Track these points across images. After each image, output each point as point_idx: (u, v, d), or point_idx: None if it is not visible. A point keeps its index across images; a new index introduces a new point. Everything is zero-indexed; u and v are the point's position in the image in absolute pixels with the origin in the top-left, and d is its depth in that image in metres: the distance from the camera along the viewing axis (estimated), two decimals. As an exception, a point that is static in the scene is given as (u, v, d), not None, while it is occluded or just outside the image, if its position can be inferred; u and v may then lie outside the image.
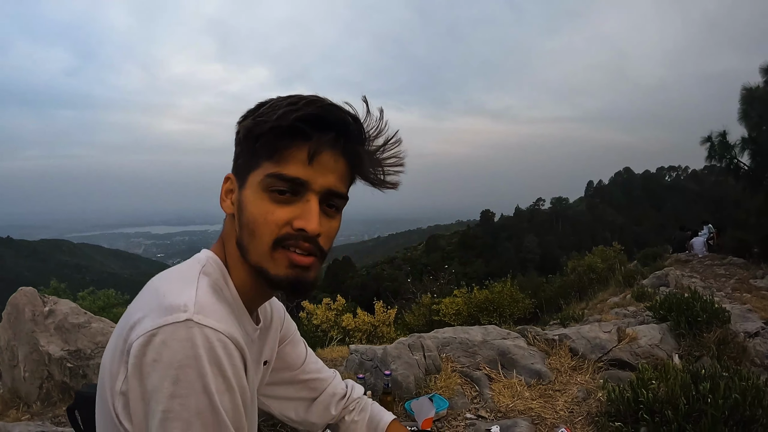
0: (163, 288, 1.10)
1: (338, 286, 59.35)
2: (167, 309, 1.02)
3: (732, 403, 2.92)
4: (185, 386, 0.97)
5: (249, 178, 1.16)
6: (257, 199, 1.14)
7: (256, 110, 1.15)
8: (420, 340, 4.27)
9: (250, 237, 1.15)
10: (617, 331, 4.83)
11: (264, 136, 1.11)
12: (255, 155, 1.15)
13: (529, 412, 3.58)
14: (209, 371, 0.99)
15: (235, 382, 1.05)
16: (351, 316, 10.64)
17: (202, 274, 1.15)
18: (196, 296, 1.06)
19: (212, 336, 1.01)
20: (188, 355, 0.98)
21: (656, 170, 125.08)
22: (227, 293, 1.20)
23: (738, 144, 17.70)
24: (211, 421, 1.00)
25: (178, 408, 0.97)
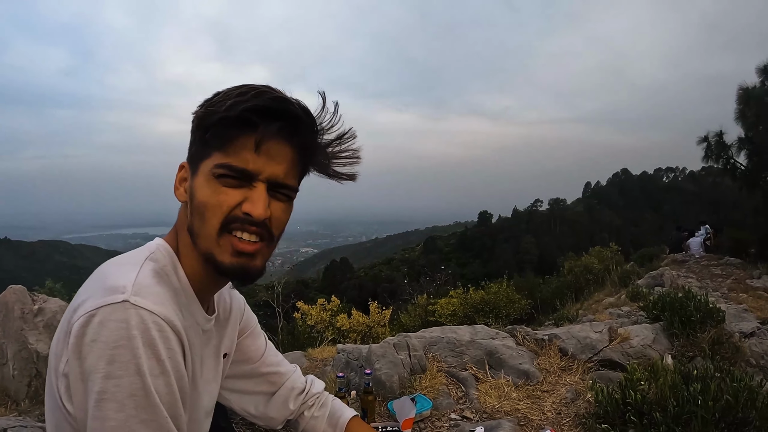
0: (109, 271, 1.14)
1: (336, 287, 59.43)
2: (107, 290, 1.05)
3: (723, 404, 2.84)
4: (119, 367, 0.99)
5: (201, 166, 1.19)
6: (208, 184, 1.17)
7: (209, 100, 1.19)
8: (406, 339, 4.19)
9: (200, 222, 1.18)
10: (608, 331, 4.75)
11: (214, 126, 1.15)
12: (206, 144, 1.18)
13: (515, 413, 3.50)
14: (143, 353, 1.01)
15: (170, 365, 1.07)
16: (346, 316, 10.60)
17: (148, 259, 1.18)
18: (136, 279, 1.09)
19: (147, 318, 1.04)
20: (123, 335, 1.00)
21: (654, 171, 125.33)
22: (174, 280, 1.22)
23: (734, 144, 17.77)
24: (144, 403, 1.01)
25: (112, 389, 0.99)
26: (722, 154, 18.10)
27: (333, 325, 10.44)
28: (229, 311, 1.54)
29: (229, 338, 1.53)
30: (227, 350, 1.53)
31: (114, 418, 0.99)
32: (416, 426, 3.35)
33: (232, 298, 1.60)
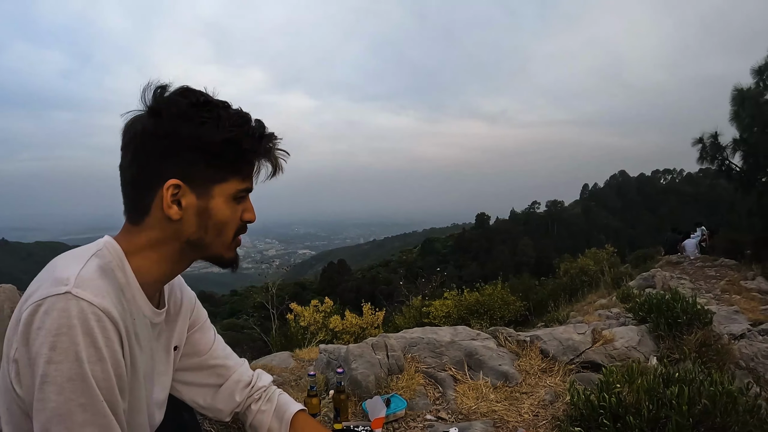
0: (57, 264, 1.22)
1: (333, 288, 59.49)
2: (53, 282, 1.14)
3: (701, 409, 2.79)
4: (60, 353, 1.07)
5: (215, 190, 1.32)
6: (229, 207, 1.36)
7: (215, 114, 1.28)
8: (384, 339, 4.16)
9: (216, 236, 1.37)
10: (592, 332, 4.70)
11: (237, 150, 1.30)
12: (220, 170, 1.32)
13: (491, 415, 3.45)
14: (81, 341, 1.10)
15: (107, 353, 1.15)
16: (339, 318, 10.57)
17: (94, 255, 1.26)
18: (80, 272, 1.17)
19: (87, 308, 1.12)
20: (64, 324, 1.08)
21: (651, 173, 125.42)
22: (120, 275, 1.29)
23: (729, 145, 17.75)
24: (81, 388, 1.09)
25: (53, 373, 1.07)
26: (717, 155, 18.11)
27: (326, 327, 10.42)
28: (180, 306, 1.62)
29: (179, 332, 1.62)
30: (177, 343, 1.62)
31: (54, 400, 1.08)
32: (390, 426, 3.32)
33: (183, 293, 1.68)
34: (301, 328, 10.22)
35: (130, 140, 1.30)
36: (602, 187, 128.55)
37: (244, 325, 22.75)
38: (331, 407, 3.32)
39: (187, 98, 1.28)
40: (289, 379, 4.18)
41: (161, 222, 1.32)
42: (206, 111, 1.28)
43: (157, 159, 1.28)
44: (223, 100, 1.33)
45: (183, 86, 1.31)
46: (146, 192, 1.30)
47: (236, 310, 49.95)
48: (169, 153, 1.27)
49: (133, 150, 1.30)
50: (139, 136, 1.28)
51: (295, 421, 1.77)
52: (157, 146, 1.27)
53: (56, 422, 1.08)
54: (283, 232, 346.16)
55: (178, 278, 1.68)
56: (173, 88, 1.31)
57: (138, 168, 1.30)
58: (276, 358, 4.87)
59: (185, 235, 1.33)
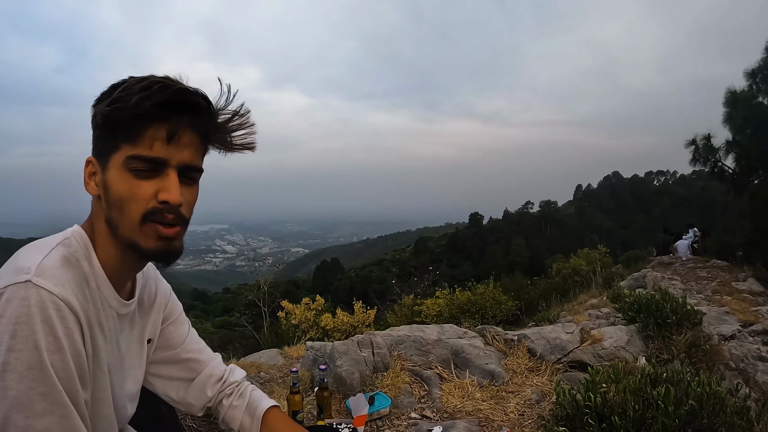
0: (22, 254, 1.23)
1: (326, 287, 59.55)
2: (15, 270, 1.14)
3: (687, 410, 2.76)
4: (20, 341, 1.08)
5: (111, 160, 1.26)
6: (122, 178, 1.25)
7: (110, 94, 1.25)
8: (370, 337, 4.13)
9: (119, 214, 1.26)
10: (580, 332, 4.68)
11: (122, 121, 1.22)
12: (114, 138, 1.25)
13: (477, 414, 3.42)
14: (40, 329, 1.10)
15: (66, 343, 1.14)
16: (330, 316, 10.57)
17: (60, 245, 1.26)
18: (42, 261, 1.18)
19: (46, 297, 1.12)
20: (23, 312, 1.09)
21: (645, 174, 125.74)
22: (85, 265, 1.28)
23: (722, 147, 17.76)
24: (41, 377, 1.09)
25: (13, 361, 1.07)
26: (710, 157, 18.12)
27: (317, 325, 10.41)
28: (154, 298, 1.62)
29: (152, 324, 1.62)
30: (151, 336, 1.62)
31: (15, 388, 1.07)
32: (374, 424, 3.30)
33: (158, 286, 1.68)
34: (293, 326, 10.22)
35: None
36: (596, 187, 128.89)
37: (236, 322, 22.73)
38: (315, 404, 3.29)
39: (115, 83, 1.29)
40: (277, 376, 4.15)
41: (93, 202, 1.35)
42: (120, 88, 1.26)
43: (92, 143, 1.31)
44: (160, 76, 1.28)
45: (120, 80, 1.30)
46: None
47: (229, 308, 49.98)
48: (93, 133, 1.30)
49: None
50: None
51: (266, 417, 1.74)
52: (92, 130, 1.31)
53: (16, 410, 1.07)
54: (276, 230, 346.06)
55: (154, 270, 1.71)
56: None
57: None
58: (264, 355, 4.85)
59: (106, 213, 1.30)
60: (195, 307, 56.08)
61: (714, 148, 17.98)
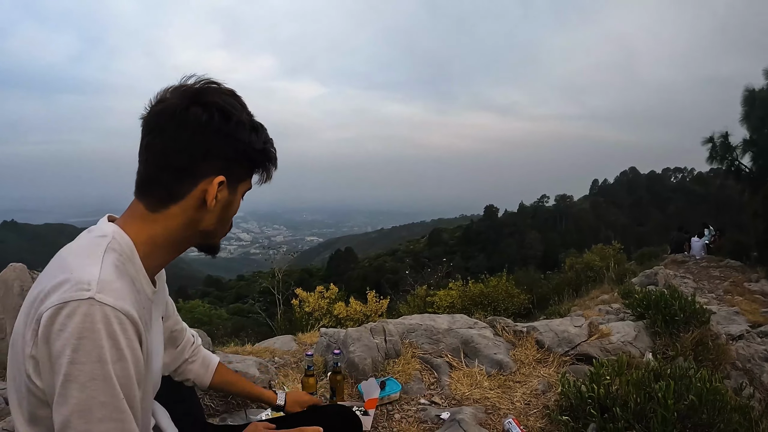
0: (71, 263, 1.25)
1: (340, 276, 59.43)
2: (74, 285, 1.17)
3: (688, 405, 2.84)
4: (83, 355, 1.13)
5: (239, 187, 1.46)
6: (238, 202, 1.49)
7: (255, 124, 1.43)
8: (383, 324, 4.23)
9: (223, 226, 1.50)
10: (588, 326, 4.76)
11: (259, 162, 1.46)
12: (248, 172, 1.46)
13: (484, 402, 3.53)
14: (105, 343, 1.15)
15: (128, 353, 1.20)
16: (343, 304, 10.60)
17: (108, 251, 1.29)
18: (100, 275, 1.21)
19: (110, 313, 1.17)
20: (87, 328, 1.13)
21: (662, 171, 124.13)
22: (130, 268, 1.34)
23: (739, 146, 17.62)
24: (103, 387, 1.15)
25: (76, 373, 1.12)
26: (727, 155, 17.98)
27: (330, 313, 10.46)
28: (160, 274, 1.62)
29: (163, 301, 1.71)
30: (163, 313, 1.70)
31: (76, 397, 1.13)
32: (384, 408, 3.40)
33: None
34: (306, 314, 10.27)
35: (186, 125, 1.33)
36: (612, 183, 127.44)
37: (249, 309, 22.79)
38: (328, 387, 3.40)
39: (243, 106, 1.41)
40: (291, 361, 4.25)
41: (188, 210, 1.38)
42: (252, 118, 1.42)
43: (212, 152, 1.35)
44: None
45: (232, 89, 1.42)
46: (188, 180, 1.35)
47: (242, 295, 49.97)
48: (224, 150, 1.36)
49: (190, 137, 1.33)
50: (201, 127, 1.33)
51: (218, 369, 2.08)
52: (216, 141, 1.35)
53: (77, 416, 1.13)
54: (291, 219, 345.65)
55: None
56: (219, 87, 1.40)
57: (189, 156, 1.34)
58: (279, 341, 4.95)
59: (203, 224, 1.42)
60: (209, 293, 56.15)
61: (731, 147, 17.84)
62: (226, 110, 1.35)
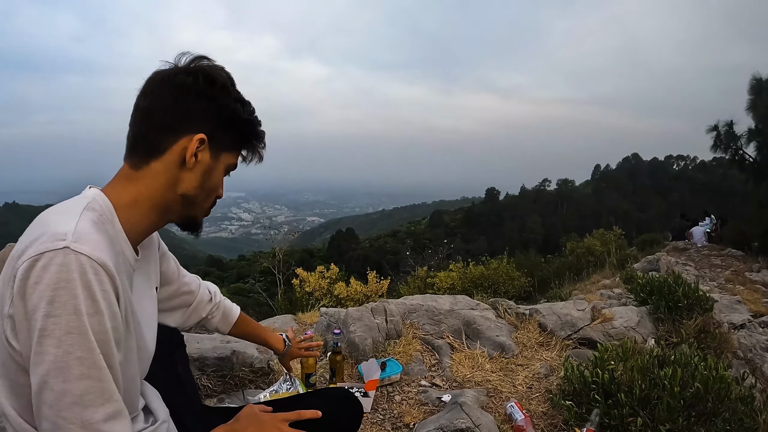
0: (50, 219, 1.25)
1: (341, 256, 59.56)
2: (50, 237, 1.15)
3: (694, 392, 2.80)
4: (59, 307, 1.10)
5: (222, 156, 1.47)
6: (219, 173, 1.49)
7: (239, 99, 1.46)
8: (384, 304, 4.20)
9: (204, 197, 1.48)
10: (591, 310, 4.73)
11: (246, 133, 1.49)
12: (233, 141, 1.48)
13: (486, 384, 3.50)
14: (81, 294, 1.12)
15: (104, 306, 1.17)
16: (344, 285, 10.60)
17: (86, 209, 1.28)
18: (76, 227, 1.19)
19: (86, 262, 1.14)
20: (63, 278, 1.11)
21: (665, 158, 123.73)
22: (110, 228, 1.32)
23: (744, 135, 17.54)
24: (79, 341, 1.12)
25: (51, 326, 1.10)
26: (731, 144, 17.91)
27: (331, 293, 10.46)
28: (149, 245, 1.63)
29: (154, 271, 1.68)
30: (156, 283, 1.69)
31: (53, 353, 1.10)
32: (385, 389, 3.37)
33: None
34: (306, 294, 10.27)
35: (172, 87, 1.39)
36: (614, 168, 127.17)
37: (250, 289, 22.83)
38: (328, 368, 3.36)
39: (231, 78, 1.46)
40: (290, 340, 4.23)
41: (169, 167, 1.39)
42: (239, 92, 1.47)
43: (195, 112, 1.39)
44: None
45: (222, 65, 1.47)
46: (170, 136, 1.39)
47: (243, 275, 50.11)
48: (207, 112, 1.40)
49: (175, 97, 1.38)
50: (186, 88, 1.38)
51: (238, 321, 2.24)
52: (199, 103, 1.39)
53: (54, 374, 1.11)
54: (293, 199, 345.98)
55: None
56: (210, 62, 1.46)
57: (173, 113, 1.38)
58: (279, 320, 4.93)
59: (184, 187, 1.42)
60: (210, 273, 56.28)
61: (736, 136, 17.78)
62: (211, 75, 1.41)
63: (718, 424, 2.75)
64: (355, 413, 2.05)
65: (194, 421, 1.79)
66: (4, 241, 2.46)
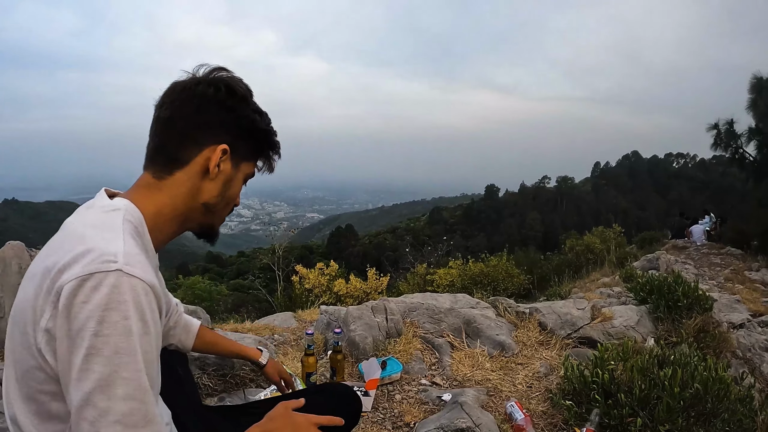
0: (88, 234, 1.24)
1: (340, 253, 59.64)
2: (99, 257, 1.16)
3: (693, 393, 2.81)
4: (108, 326, 1.11)
5: (242, 166, 1.51)
6: (239, 183, 1.54)
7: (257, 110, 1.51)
8: (384, 303, 4.20)
9: (224, 206, 1.53)
10: (591, 309, 4.73)
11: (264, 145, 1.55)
12: (252, 151, 1.53)
13: (486, 383, 3.50)
14: (132, 315, 1.14)
15: (152, 326, 1.20)
16: (343, 281, 10.61)
17: (125, 222, 1.30)
18: (124, 247, 1.21)
19: (137, 285, 1.17)
20: (114, 299, 1.12)
21: (664, 156, 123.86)
22: (144, 240, 1.36)
23: (744, 134, 17.54)
24: (128, 360, 1.13)
25: (100, 345, 1.10)
26: (731, 143, 17.90)
27: (330, 290, 10.47)
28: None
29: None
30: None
31: (99, 371, 1.11)
32: (385, 388, 3.37)
33: None
34: (306, 291, 10.28)
35: (193, 97, 1.42)
36: (614, 166, 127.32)
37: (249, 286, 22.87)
38: (329, 367, 3.36)
39: (250, 90, 1.50)
40: (290, 338, 4.23)
41: (193, 177, 1.44)
42: (257, 104, 1.51)
43: (216, 122, 1.43)
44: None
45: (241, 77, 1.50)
46: (192, 146, 1.42)
47: (243, 271, 50.11)
48: (228, 123, 1.44)
49: (196, 107, 1.41)
50: (207, 99, 1.42)
51: (199, 332, 2.16)
52: (220, 113, 1.43)
53: (98, 392, 1.11)
54: (292, 195, 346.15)
55: None
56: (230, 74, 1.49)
57: (195, 123, 1.42)
58: (278, 318, 4.93)
59: (206, 196, 1.46)
60: (210, 269, 56.29)
61: (736, 134, 17.77)
62: (232, 86, 1.44)
63: (717, 424, 2.76)
64: (355, 410, 2.07)
65: (195, 422, 1.80)
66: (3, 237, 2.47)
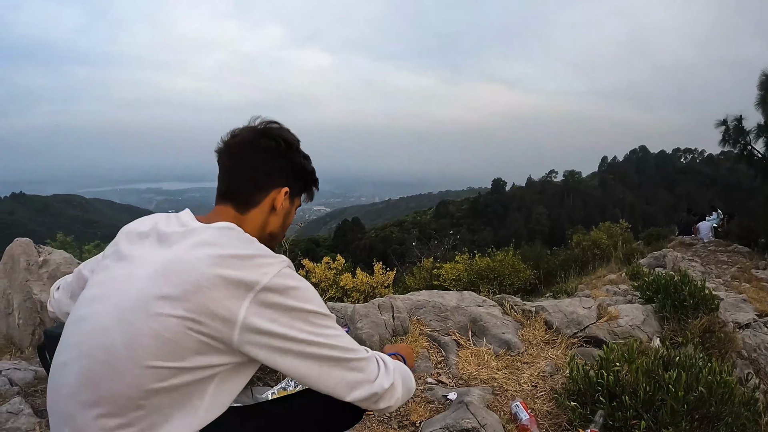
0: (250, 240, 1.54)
1: (346, 246, 59.60)
2: (275, 256, 1.48)
3: (698, 396, 2.81)
4: (316, 301, 1.47)
5: (295, 201, 1.83)
6: (292, 214, 1.86)
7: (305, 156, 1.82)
8: (391, 300, 4.22)
9: (282, 231, 1.84)
10: (597, 308, 4.73)
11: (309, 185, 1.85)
12: (301, 190, 1.84)
13: (491, 382, 3.51)
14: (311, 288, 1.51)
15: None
16: (350, 276, 10.61)
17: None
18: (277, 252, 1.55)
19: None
20: (300, 280, 1.48)
21: (672, 151, 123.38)
22: None
23: (753, 130, 17.45)
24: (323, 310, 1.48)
25: (321, 310, 1.46)
26: (740, 139, 17.81)
27: (337, 284, 10.47)
28: None
29: None
30: None
31: (333, 326, 1.49)
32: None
33: None
34: (312, 285, 10.29)
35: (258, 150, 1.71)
36: (621, 161, 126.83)
37: (257, 279, 22.87)
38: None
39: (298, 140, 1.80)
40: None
41: (263, 214, 1.74)
42: (302, 151, 1.81)
43: (278, 171, 1.74)
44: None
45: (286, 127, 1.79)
46: (261, 190, 1.72)
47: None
48: (286, 169, 1.76)
49: (263, 159, 1.71)
50: (271, 151, 1.71)
51: None
52: (281, 162, 1.74)
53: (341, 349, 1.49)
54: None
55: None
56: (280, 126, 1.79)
57: (263, 174, 1.72)
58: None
59: (271, 227, 1.77)
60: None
61: (745, 131, 17.67)
62: (289, 140, 1.75)
63: (721, 428, 2.76)
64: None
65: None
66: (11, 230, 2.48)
